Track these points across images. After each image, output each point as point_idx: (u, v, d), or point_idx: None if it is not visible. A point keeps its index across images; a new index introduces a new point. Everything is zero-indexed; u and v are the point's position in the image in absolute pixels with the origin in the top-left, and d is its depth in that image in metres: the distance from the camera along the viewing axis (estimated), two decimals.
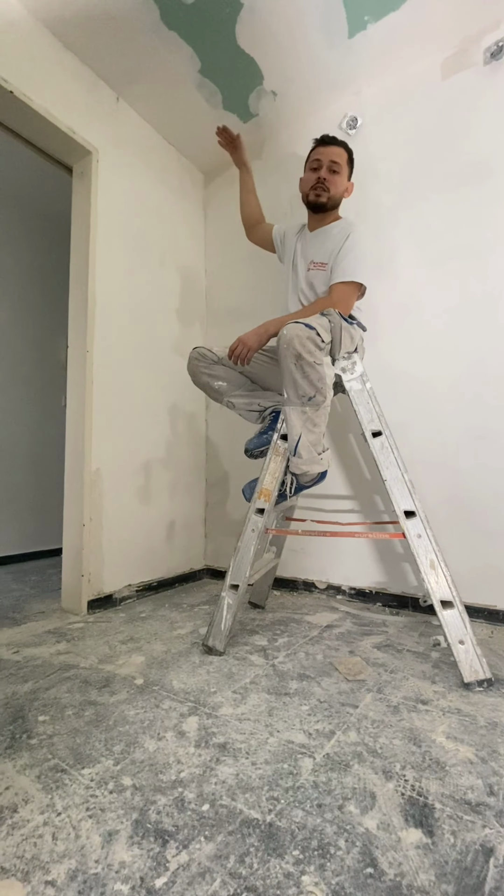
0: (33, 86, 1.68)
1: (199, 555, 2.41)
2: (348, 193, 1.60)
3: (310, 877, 0.59)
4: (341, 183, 1.54)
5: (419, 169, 1.87)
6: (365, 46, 1.84)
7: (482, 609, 1.61)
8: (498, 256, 1.68)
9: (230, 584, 1.33)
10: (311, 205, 1.56)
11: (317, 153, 1.55)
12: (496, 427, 1.65)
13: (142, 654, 1.33)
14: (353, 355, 1.35)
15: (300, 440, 1.30)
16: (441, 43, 1.81)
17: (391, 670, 1.22)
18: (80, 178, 1.95)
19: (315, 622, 1.63)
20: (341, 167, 1.53)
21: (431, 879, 0.58)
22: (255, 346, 1.40)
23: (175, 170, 2.41)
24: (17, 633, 1.54)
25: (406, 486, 1.22)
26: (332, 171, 1.52)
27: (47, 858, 0.62)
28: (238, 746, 0.87)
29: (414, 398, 1.81)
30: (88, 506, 1.80)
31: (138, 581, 2.00)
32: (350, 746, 0.87)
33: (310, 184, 1.54)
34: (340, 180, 1.54)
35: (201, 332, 2.52)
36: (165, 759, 0.83)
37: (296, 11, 1.69)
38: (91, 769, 0.81)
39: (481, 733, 0.92)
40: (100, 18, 1.71)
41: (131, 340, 2.05)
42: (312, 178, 1.54)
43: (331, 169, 1.52)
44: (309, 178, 1.55)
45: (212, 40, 1.80)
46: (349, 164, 1.57)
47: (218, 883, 0.58)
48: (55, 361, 3.26)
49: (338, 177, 1.53)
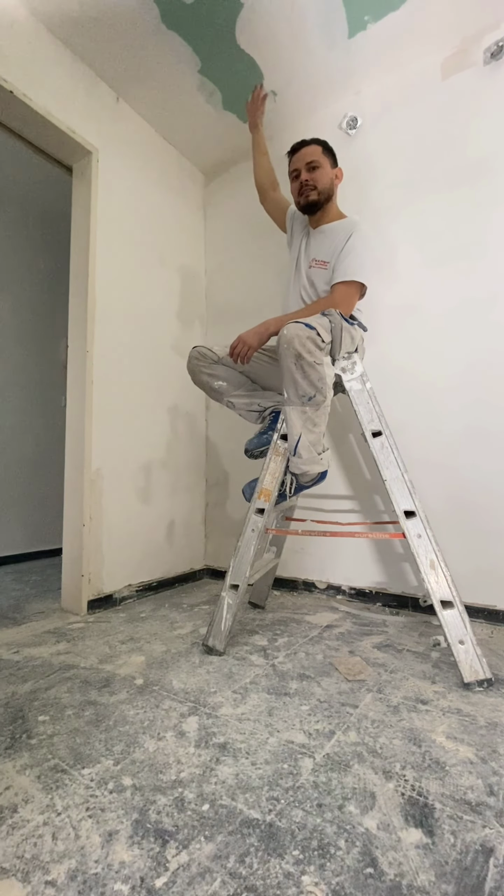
0: (33, 85, 1.68)
1: (199, 555, 2.41)
2: (339, 180, 1.58)
3: (310, 877, 0.59)
4: (325, 174, 1.53)
5: (419, 169, 1.87)
6: (365, 46, 1.84)
7: (482, 609, 1.61)
8: (498, 256, 1.68)
9: (230, 584, 1.33)
10: (306, 207, 1.56)
11: (293, 163, 1.55)
12: (496, 427, 1.65)
13: (142, 654, 1.33)
14: (354, 355, 1.35)
15: (300, 440, 1.30)
16: (441, 43, 1.81)
17: (391, 670, 1.22)
18: (79, 178, 1.95)
19: (315, 622, 1.63)
20: (319, 161, 1.52)
21: (431, 879, 0.58)
22: (256, 344, 1.40)
23: (175, 170, 2.41)
24: (17, 633, 1.54)
25: (406, 486, 1.22)
26: (310, 168, 1.51)
27: (47, 858, 0.62)
28: (238, 746, 0.87)
29: (414, 398, 1.81)
30: (88, 506, 1.80)
31: (138, 581, 2.00)
32: (350, 746, 0.87)
33: (297, 192, 1.55)
34: (323, 172, 1.52)
35: (201, 332, 2.52)
36: (165, 759, 0.83)
37: (296, 11, 1.69)
38: (91, 769, 0.81)
39: (481, 733, 0.92)
40: (100, 18, 1.71)
41: (131, 340, 2.05)
42: (297, 186, 1.54)
43: (309, 168, 1.51)
44: (294, 188, 1.56)
45: (212, 40, 1.80)
46: (327, 154, 1.54)
47: (218, 883, 0.58)
48: (55, 361, 3.26)
49: (319, 170, 1.52)
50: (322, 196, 1.53)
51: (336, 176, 1.57)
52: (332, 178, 1.55)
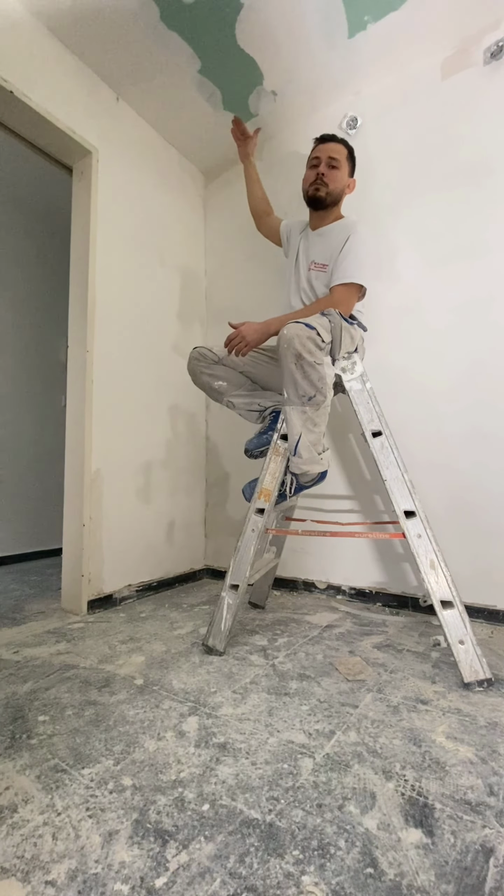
0: (33, 85, 1.68)
1: (199, 555, 2.41)
2: (350, 190, 1.60)
3: (310, 877, 0.59)
4: (340, 178, 1.54)
5: (419, 169, 1.87)
6: (365, 46, 1.84)
7: (482, 609, 1.61)
8: (498, 256, 1.68)
9: (230, 583, 1.33)
10: (311, 200, 1.56)
11: (316, 151, 1.56)
12: (496, 427, 1.65)
13: (142, 654, 1.33)
14: (354, 355, 1.35)
15: (300, 440, 1.30)
16: (441, 43, 1.81)
17: (391, 670, 1.22)
18: (79, 178, 1.95)
19: (315, 622, 1.63)
20: (340, 163, 1.53)
21: (431, 879, 0.58)
22: (254, 342, 1.41)
23: (175, 170, 2.41)
24: (17, 633, 1.54)
25: (406, 486, 1.22)
26: (330, 166, 1.53)
27: (47, 858, 0.62)
28: (238, 746, 0.87)
29: (414, 398, 1.81)
30: (88, 506, 1.80)
31: (138, 581, 2.00)
32: (350, 746, 0.87)
33: (309, 181, 1.56)
34: (340, 175, 1.54)
35: (201, 332, 2.52)
36: (165, 759, 0.83)
37: (296, 11, 1.69)
38: (91, 769, 0.81)
39: (481, 733, 0.92)
40: (100, 18, 1.71)
41: (131, 340, 2.05)
42: (312, 174, 1.55)
43: (329, 164, 1.53)
44: (309, 176, 1.57)
45: (212, 40, 1.80)
46: (349, 160, 1.57)
47: (218, 883, 0.58)
48: (55, 361, 3.26)
49: (337, 172, 1.53)
50: (329, 198, 1.54)
51: (349, 185, 1.59)
52: (345, 184, 1.57)
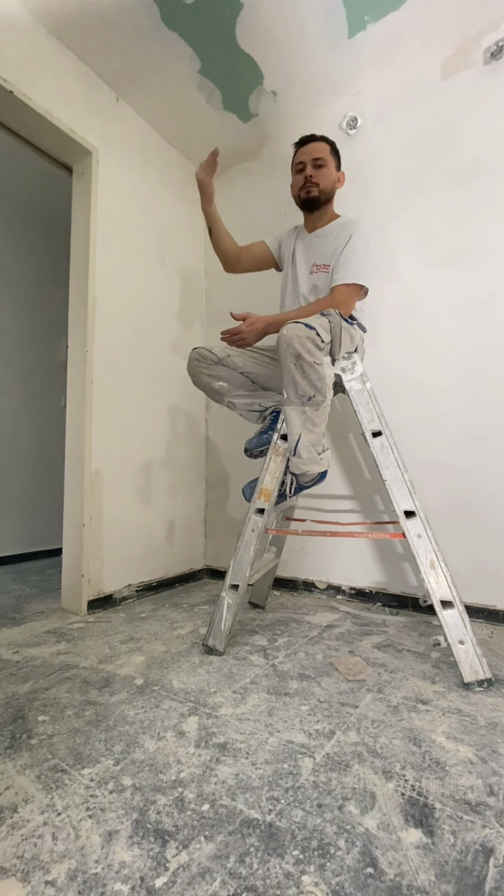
0: (33, 85, 1.68)
1: (199, 555, 2.41)
2: (340, 184, 1.59)
3: (310, 877, 0.59)
4: (329, 175, 1.54)
5: (419, 169, 1.87)
6: (365, 46, 1.84)
7: (482, 609, 1.61)
8: (498, 256, 1.68)
9: (230, 584, 1.33)
10: (304, 203, 1.56)
11: (299, 155, 1.55)
12: (496, 427, 1.65)
13: (142, 654, 1.33)
14: (353, 355, 1.35)
15: (300, 440, 1.30)
16: (441, 43, 1.81)
17: (391, 670, 1.22)
18: (79, 178, 1.95)
19: (315, 622, 1.63)
20: (325, 160, 1.52)
21: (431, 879, 0.58)
22: (253, 341, 1.42)
23: (175, 170, 2.40)
24: (17, 633, 1.54)
25: (406, 486, 1.22)
26: (316, 166, 1.52)
27: (47, 858, 0.62)
28: (238, 746, 0.87)
29: (414, 398, 1.81)
30: (88, 506, 1.80)
31: (138, 581, 2.00)
32: (350, 746, 0.87)
33: (299, 185, 1.55)
34: (327, 172, 1.53)
35: (201, 333, 2.52)
36: (165, 759, 0.83)
37: (296, 11, 1.69)
38: (91, 769, 0.81)
39: (481, 733, 0.92)
40: (100, 18, 1.71)
41: (131, 340, 2.05)
42: (300, 179, 1.54)
43: (315, 165, 1.52)
44: (297, 181, 1.56)
45: (212, 40, 1.80)
46: (334, 155, 1.56)
47: (218, 883, 0.58)
48: (55, 361, 3.25)
49: (324, 170, 1.52)
50: (323, 196, 1.53)
51: (338, 179, 1.58)
52: (334, 180, 1.56)
